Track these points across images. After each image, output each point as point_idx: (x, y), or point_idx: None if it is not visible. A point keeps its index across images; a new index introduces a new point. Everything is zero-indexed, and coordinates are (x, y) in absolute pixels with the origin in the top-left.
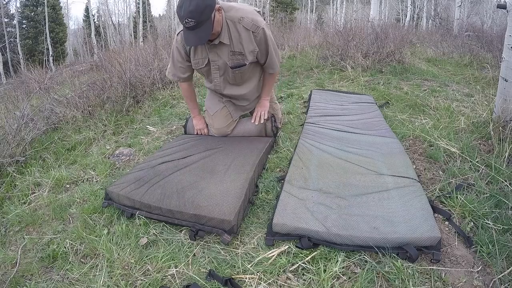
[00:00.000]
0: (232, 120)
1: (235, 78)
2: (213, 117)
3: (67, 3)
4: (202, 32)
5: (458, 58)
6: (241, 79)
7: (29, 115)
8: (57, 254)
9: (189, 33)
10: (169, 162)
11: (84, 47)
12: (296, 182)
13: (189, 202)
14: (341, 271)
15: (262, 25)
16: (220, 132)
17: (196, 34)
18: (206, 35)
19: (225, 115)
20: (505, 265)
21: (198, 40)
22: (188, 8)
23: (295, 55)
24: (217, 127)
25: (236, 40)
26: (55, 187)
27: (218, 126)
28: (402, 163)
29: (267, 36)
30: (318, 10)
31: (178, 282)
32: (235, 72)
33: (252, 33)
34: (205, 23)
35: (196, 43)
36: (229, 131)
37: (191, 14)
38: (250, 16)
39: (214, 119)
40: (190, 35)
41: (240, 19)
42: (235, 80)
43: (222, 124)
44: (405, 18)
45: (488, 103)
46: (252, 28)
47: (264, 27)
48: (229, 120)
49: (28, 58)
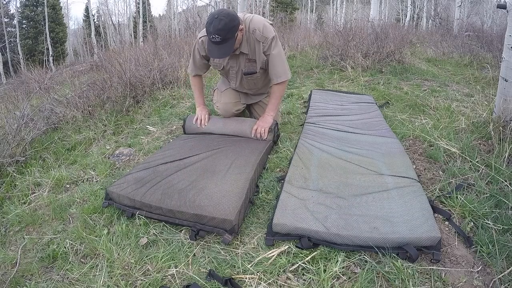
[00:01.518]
0: (239, 101)
1: (249, 84)
2: (223, 93)
3: (67, 3)
4: (225, 48)
5: (458, 58)
6: (255, 85)
7: (29, 115)
8: (57, 254)
9: (214, 46)
10: (169, 162)
11: (84, 47)
12: (296, 182)
13: (190, 202)
14: (341, 271)
15: (270, 36)
16: (225, 108)
17: (220, 49)
18: (229, 51)
19: (235, 94)
20: (505, 265)
21: (221, 55)
22: (217, 26)
23: (295, 55)
24: (223, 101)
25: (252, 48)
26: (55, 187)
27: (225, 101)
28: (402, 163)
29: (272, 45)
30: (318, 10)
31: (178, 282)
32: (248, 79)
33: (262, 44)
34: (229, 41)
35: (219, 57)
36: (234, 110)
37: (219, 32)
38: (260, 28)
39: (222, 95)
40: (214, 49)
41: (253, 31)
42: (249, 86)
43: (230, 99)
44: (405, 18)
45: (488, 103)
46: (262, 39)
47: (271, 38)
48: (236, 99)
49: (28, 58)
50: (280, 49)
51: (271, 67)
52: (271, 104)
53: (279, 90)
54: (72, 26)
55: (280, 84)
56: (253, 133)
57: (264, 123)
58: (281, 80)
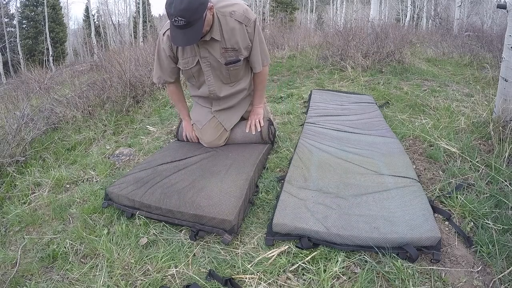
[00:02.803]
0: (223, 130)
1: (230, 76)
2: (202, 131)
3: (67, 3)
4: (192, 33)
5: (458, 58)
6: (236, 77)
7: (29, 115)
8: (57, 254)
9: (177, 31)
10: (169, 163)
11: (84, 47)
12: (296, 182)
13: (190, 202)
14: (341, 271)
15: (253, 17)
16: (211, 145)
17: (185, 34)
18: (196, 36)
19: (215, 126)
20: (505, 265)
21: (187, 41)
22: (179, 6)
23: (295, 55)
24: (207, 140)
25: (228, 35)
26: (55, 187)
27: (208, 140)
28: (402, 163)
29: (255, 29)
30: (318, 10)
31: (178, 282)
32: (230, 69)
33: (244, 26)
34: (196, 23)
35: (185, 43)
36: (221, 143)
37: (182, 13)
38: (241, 8)
39: (203, 133)
40: (178, 34)
41: (232, 12)
42: (229, 78)
43: (213, 136)
44: (405, 18)
45: (488, 103)
46: (245, 21)
47: (254, 20)
48: (220, 131)
49: (28, 58)
50: (261, 33)
51: (255, 54)
52: (257, 96)
53: (262, 79)
54: (72, 26)
55: (262, 72)
56: (247, 128)
57: (256, 115)
58: (258, 69)
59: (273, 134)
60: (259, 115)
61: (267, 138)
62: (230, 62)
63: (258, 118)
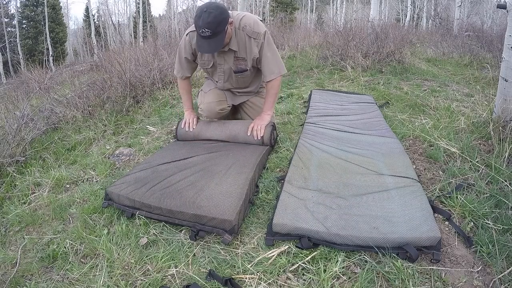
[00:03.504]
0: (225, 100)
1: (238, 82)
2: (207, 94)
3: (67, 3)
4: (216, 43)
5: (458, 58)
6: (244, 83)
7: (29, 115)
8: (57, 254)
9: (203, 41)
10: (169, 163)
11: (84, 47)
12: (296, 182)
13: (190, 202)
14: (341, 271)
15: (262, 31)
16: (208, 108)
17: (210, 44)
18: (219, 45)
19: (218, 93)
20: (505, 265)
21: (211, 49)
22: (206, 20)
23: (295, 55)
24: (206, 101)
25: (242, 46)
26: (55, 187)
27: (208, 100)
28: (402, 163)
29: (265, 41)
30: (318, 10)
31: (178, 282)
32: (238, 77)
33: (253, 40)
34: (220, 35)
35: (209, 51)
36: (218, 109)
37: (208, 25)
38: (251, 24)
39: (206, 95)
40: (204, 43)
41: (244, 27)
42: (238, 84)
43: (213, 98)
44: (405, 18)
45: (488, 103)
46: (253, 35)
47: (263, 32)
48: (221, 97)
49: (28, 58)
50: (273, 44)
51: (265, 64)
52: (267, 102)
53: (274, 88)
54: (72, 26)
55: (275, 80)
56: (249, 131)
57: (260, 121)
58: (274, 76)
59: (275, 139)
60: (264, 121)
61: (269, 142)
62: (239, 71)
63: (261, 124)
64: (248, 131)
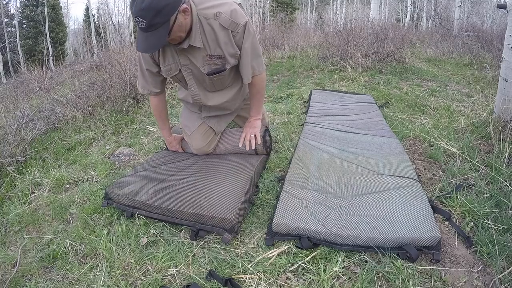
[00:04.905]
0: (214, 136)
1: (214, 85)
2: (191, 137)
3: (67, 3)
4: (154, 38)
5: (458, 58)
6: (221, 85)
7: (29, 115)
8: (57, 254)
9: (140, 35)
10: (169, 163)
11: (84, 47)
12: (296, 182)
13: (190, 201)
14: (341, 271)
15: (242, 21)
16: (200, 152)
17: (146, 39)
18: (159, 42)
19: (204, 132)
20: (505, 265)
21: (147, 47)
22: (140, 5)
23: (295, 55)
24: (196, 147)
25: (213, 41)
26: (55, 187)
27: (197, 146)
28: (402, 163)
29: (245, 35)
30: (318, 10)
31: (178, 282)
32: (213, 79)
33: (231, 32)
34: (160, 27)
35: (144, 49)
36: (211, 150)
37: (142, 13)
38: (227, 11)
39: (192, 139)
40: (140, 38)
41: (216, 14)
42: (214, 87)
43: (202, 143)
44: (405, 18)
45: (488, 103)
46: (231, 27)
47: (244, 24)
48: (209, 137)
49: (28, 58)
50: (254, 37)
51: (244, 62)
52: (253, 106)
53: (258, 89)
54: (72, 26)
55: (257, 81)
56: (241, 142)
57: (252, 129)
58: (256, 74)
59: (269, 146)
60: (256, 128)
61: (264, 151)
62: (213, 72)
63: (254, 132)
64: (240, 143)
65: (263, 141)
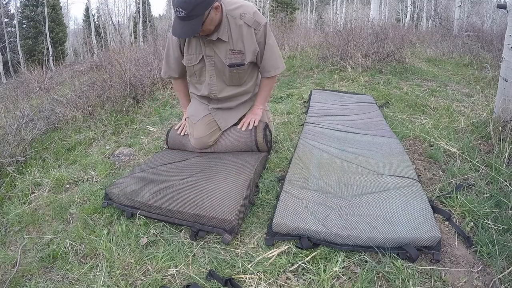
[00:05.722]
0: (217, 129)
1: (232, 79)
2: (195, 126)
3: (67, 3)
4: (189, 27)
5: (458, 58)
6: (239, 80)
7: (29, 115)
8: (57, 254)
9: (177, 22)
10: (169, 163)
11: (84, 47)
12: (296, 182)
13: (190, 202)
14: (341, 271)
15: (263, 22)
16: (199, 142)
17: (183, 27)
18: (193, 31)
19: (209, 122)
20: (505, 265)
21: (182, 33)
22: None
23: (295, 55)
24: (197, 135)
25: (236, 37)
26: (55, 187)
27: (199, 135)
28: (402, 163)
29: (266, 34)
30: (318, 10)
31: (178, 282)
32: (233, 72)
33: (253, 30)
34: (196, 18)
35: (180, 35)
36: (211, 142)
37: (183, 5)
38: (251, 12)
39: (195, 128)
40: (177, 25)
41: (242, 15)
42: (232, 81)
43: (204, 132)
44: (405, 18)
45: (488, 103)
46: (254, 25)
47: (265, 24)
48: (212, 129)
49: (28, 58)
50: (273, 38)
51: (267, 58)
52: (260, 96)
53: (271, 83)
54: (72, 26)
55: (273, 77)
56: (240, 125)
57: (253, 115)
58: (278, 71)
59: (270, 141)
60: (257, 115)
61: (264, 145)
62: (234, 65)
63: (254, 118)
64: (243, 127)
65: (263, 134)
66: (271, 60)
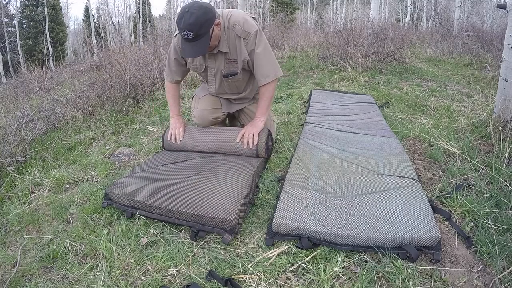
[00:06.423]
0: (219, 108)
1: (231, 88)
2: (200, 100)
3: (67, 3)
4: (199, 46)
5: (458, 58)
6: (237, 88)
7: (29, 115)
8: (57, 254)
9: (187, 44)
10: (169, 164)
11: (84, 47)
12: (296, 182)
13: (190, 202)
14: (341, 271)
15: (253, 30)
16: (201, 115)
17: (193, 47)
18: (203, 49)
19: (214, 100)
20: (505, 265)
21: (194, 53)
22: (188, 21)
23: (295, 55)
24: (200, 108)
25: (233, 47)
26: (55, 187)
27: (202, 107)
28: (402, 163)
29: (256, 41)
30: (318, 10)
31: (178, 282)
32: (229, 81)
33: (243, 40)
34: (203, 37)
35: (192, 56)
36: (211, 118)
37: (190, 27)
38: (241, 22)
39: (200, 102)
40: (187, 47)
41: (233, 26)
42: (231, 89)
43: (207, 106)
44: (405, 18)
45: (488, 103)
46: (243, 35)
47: (255, 32)
48: (216, 105)
49: (28, 58)
50: (266, 44)
51: (257, 66)
52: (260, 107)
53: (269, 91)
54: (72, 26)
55: (269, 84)
56: (238, 138)
57: (252, 128)
58: (269, 80)
59: (271, 149)
60: (257, 128)
61: (264, 153)
62: (228, 75)
63: (253, 131)
64: (237, 138)
65: (265, 143)
66: (260, 68)
